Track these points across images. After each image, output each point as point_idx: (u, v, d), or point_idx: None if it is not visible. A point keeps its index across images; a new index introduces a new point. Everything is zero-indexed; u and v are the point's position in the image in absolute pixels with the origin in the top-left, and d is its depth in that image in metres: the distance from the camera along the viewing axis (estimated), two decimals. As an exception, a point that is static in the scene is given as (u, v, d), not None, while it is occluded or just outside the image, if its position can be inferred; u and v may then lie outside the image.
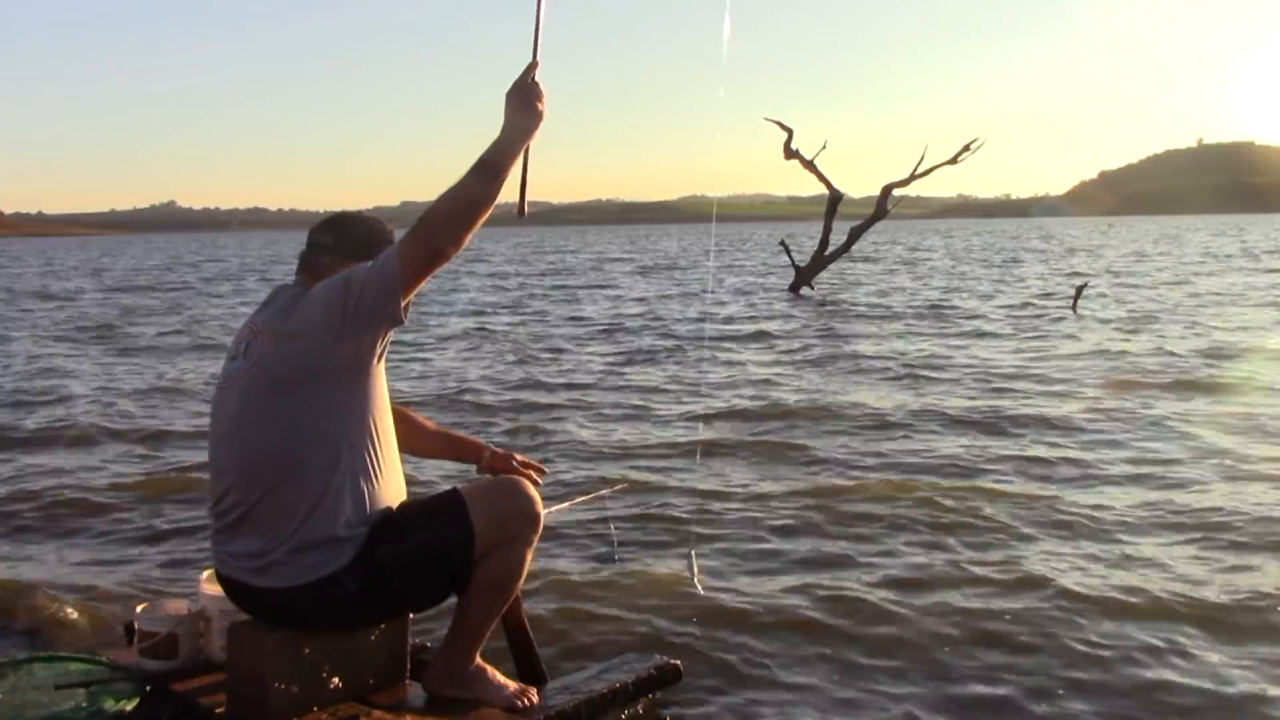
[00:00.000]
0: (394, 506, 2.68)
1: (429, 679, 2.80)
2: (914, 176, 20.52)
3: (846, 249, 21.22)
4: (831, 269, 22.46)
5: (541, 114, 2.51)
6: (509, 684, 2.83)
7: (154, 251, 64.54)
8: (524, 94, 2.50)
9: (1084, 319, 14.38)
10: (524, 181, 2.57)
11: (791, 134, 20.59)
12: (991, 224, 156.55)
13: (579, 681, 3.03)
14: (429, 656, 3.03)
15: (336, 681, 2.68)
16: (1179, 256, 34.06)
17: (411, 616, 2.85)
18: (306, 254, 2.76)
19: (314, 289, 2.60)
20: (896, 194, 20.80)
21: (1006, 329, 13.44)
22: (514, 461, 3.08)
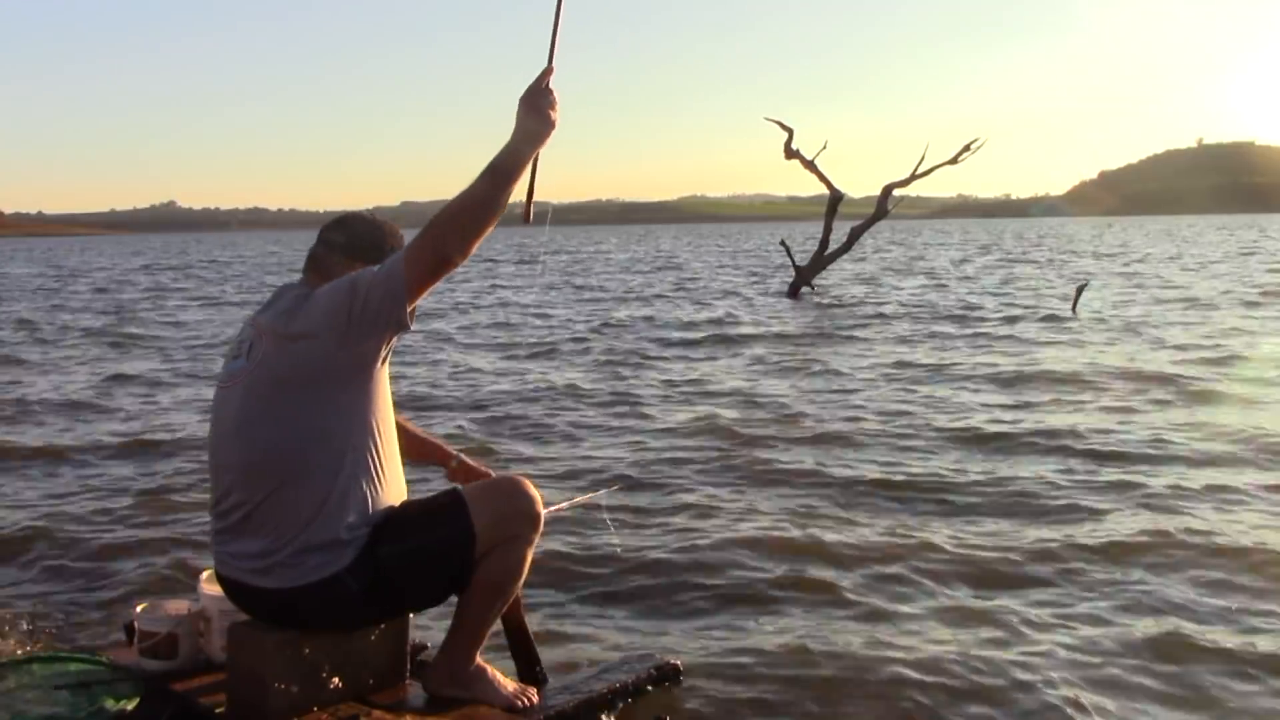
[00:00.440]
0: (395, 506, 2.68)
1: (429, 679, 2.80)
2: (914, 176, 20.51)
3: (847, 249, 21.21)
4: (831, 268, 22.46)
5: (554, 122, 2.49)
6: (509, 684, 2.83)
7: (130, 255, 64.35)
8: (537, 101, 2.49)
9: (1083, 319, 14.37)
10: (531, 188, 2.57)
11: (792, 134, 20.59)
12: (991, 224, 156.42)
13: (579, 681, 3.03)
14: (429, 656, 3.03)
15: (336, 681, 2.68)
16: (1179, 256, 34.06)
17: (411, 616, 2.85)
18: (317, 250, 2.75)
19: (320, 290, 2.59)
20: (897, 194, 20.79)
21: (1005, 329, 13.42)
22: (480, 476, 3.07)
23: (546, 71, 2.52)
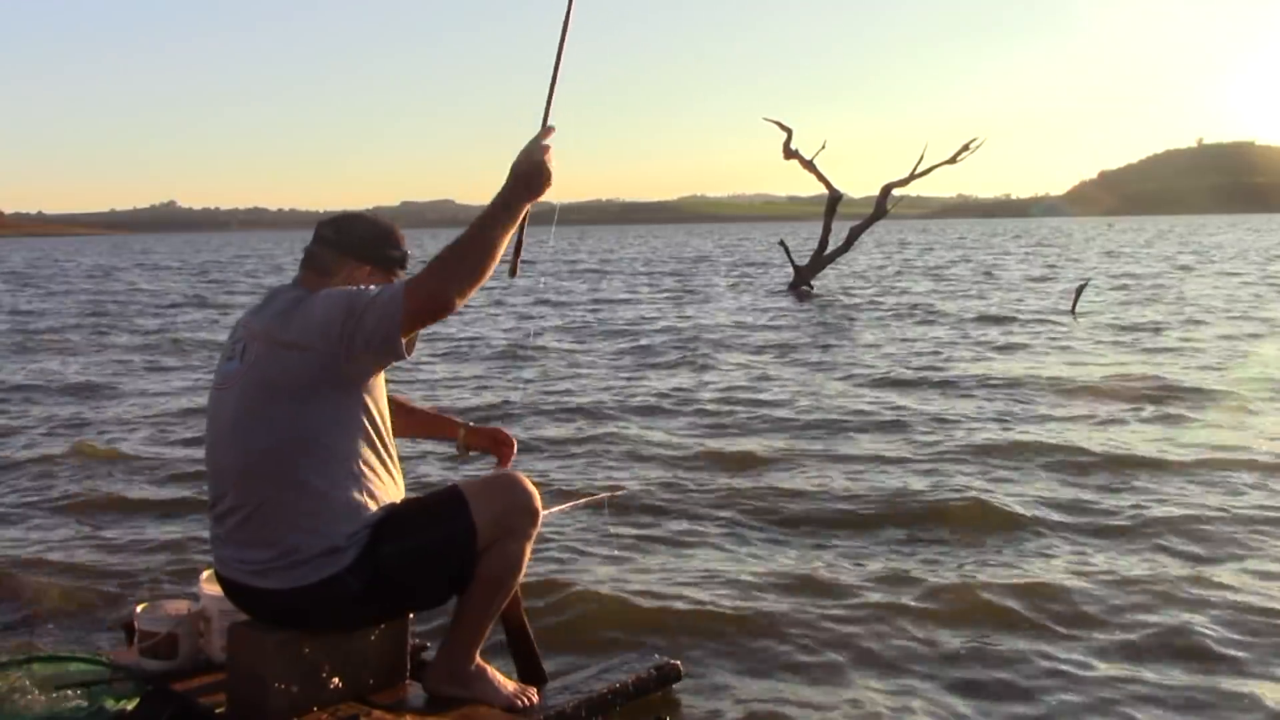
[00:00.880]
0: (391, 505, 2.67)
1: (429, 678, 2.80)
2: (914, 176, 20.54)
3: (846, 249, 21.23)
4: (830, 268, 22.46)
5: (549, 180, 2.52)
6: (509, 684, 2.83)
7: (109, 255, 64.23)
8: (534, 171, 2.51)
9: (1083, 320, 14.36)
10: (519, 243, 2.62)
11: (791, 134, 20.62)
12: (991, 224, 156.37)
13: (579, 681, 3.03)
14: (429, 656, 3.03)
15: (336, 681, 2.68)
16: (1180, 256, 34.06)
17: (411, 616, 2.85)
18: (312, 248, 2.74)
19: (316, 299, 2.56)
20: (896, 194, 20.82)
21: (1003, 330, 13.42)
22: (493, 435, 3.14)
23: (546, 131, 2.57)
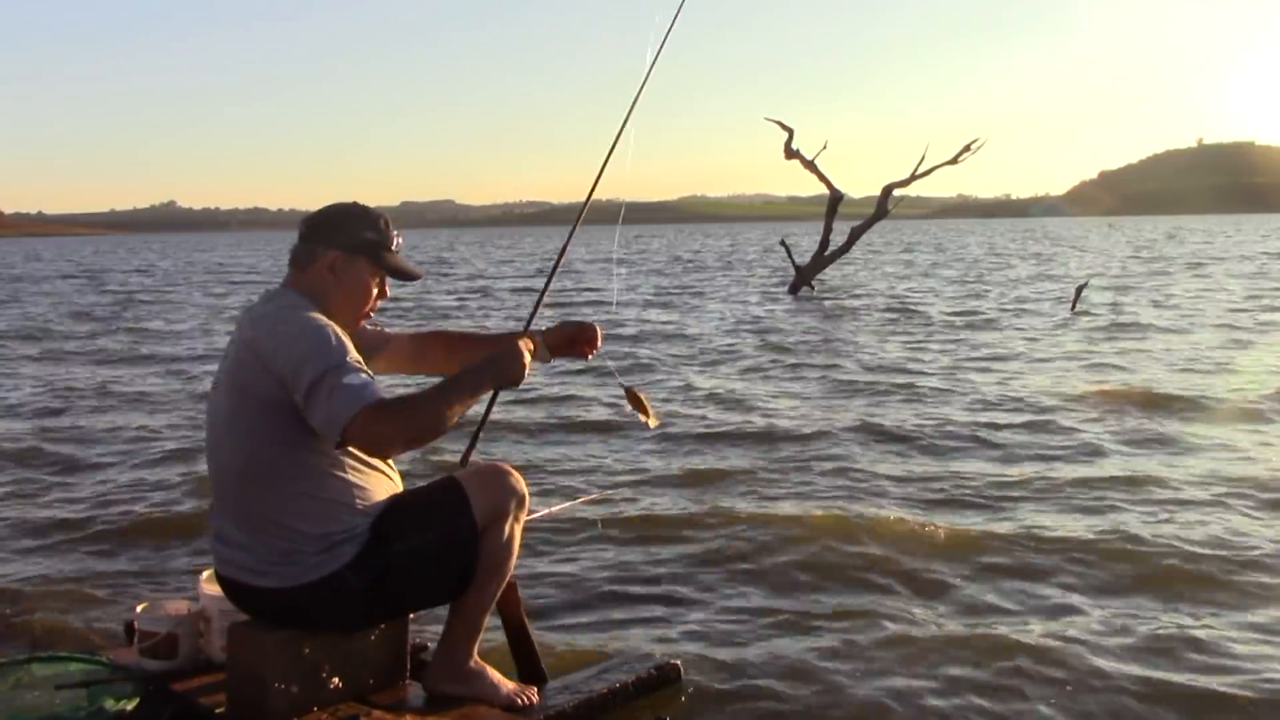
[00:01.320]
0: (391, 499, 2.68)
1: (428, 676, 2.80)
2: (914, 176, 20.52)
3: (846, 249, 21.23)
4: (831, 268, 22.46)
5: (524, 376, 2.65)
6: (508, 683, 2.83)
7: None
8: (516, 376, 2.63)
9: (1082, 320, 14.36)
10: (481, 426, 2.88)
11: (792, 134, 20.60)
12: (991, 224, 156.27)
13: (579, 681, 3.03)
14: (429, 656, 3.03)
15: (336, 681, 2.68)
16: (1180, 255, 34.04)
17: (411, 616, 2.85)
18: (295, 244, 2.74)
19: (290, 327, 2.52)
20: (897, 194, 20.81)
21: (1002, 331, 13.42)
22: (572, 335, 3.01)
23: (530, 336, 2.79)
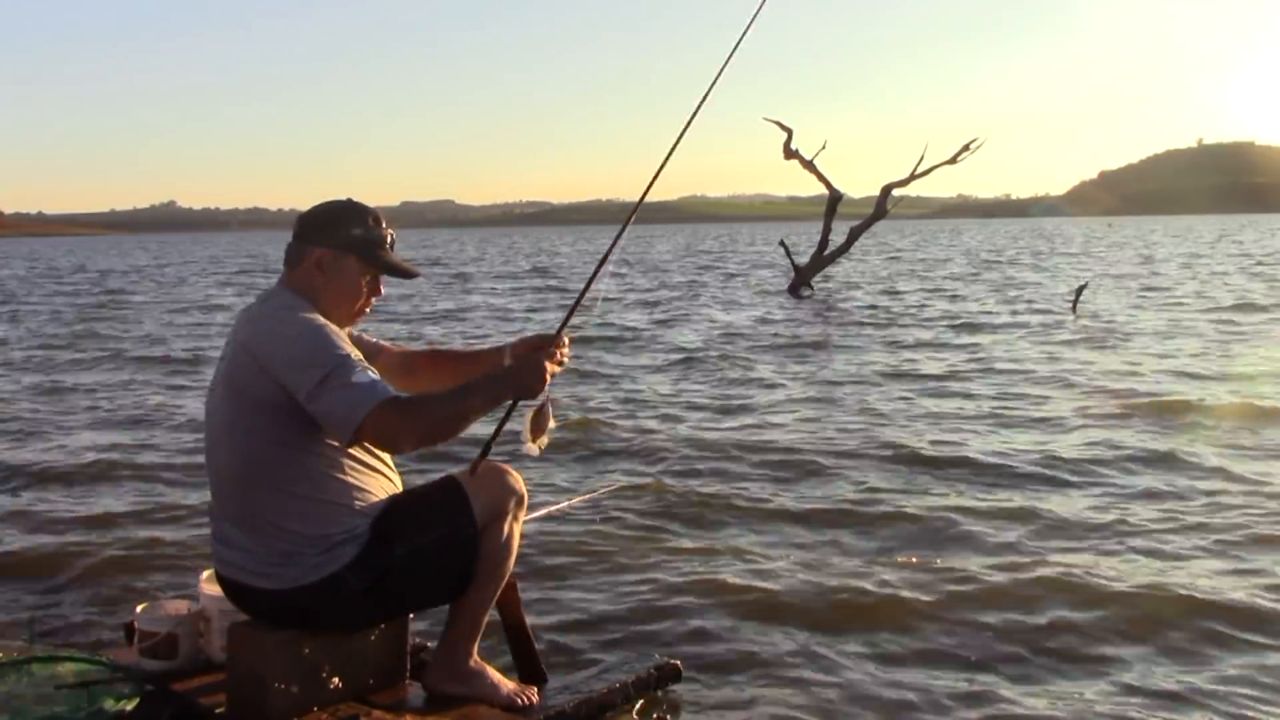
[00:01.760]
0: (390, 499, 2.68)
1: (428, 676, 2.80)
2: (914, 176, 20.52)
3: (846, 249, 21.23)
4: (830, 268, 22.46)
5: (546, 383, 2.62)
6: (508, 683, 2.83)
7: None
8: (536, 383, 2.61)
9: (1083, 320, 14.36)
10: (495, 435, 2.78)
11: (791, 134, 20.60)
12: (991, 224, 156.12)
13: (579, 681, 3.03)
14: (429, 656, 3.03)
15: (336, 681, 2.68)
16: (1180, 256, 34.03)
17: (411, 616, 2.85)
18: (289, 243, 2.73)
19: (288, 328, 2.52)
20: (896, 194, 20.81)
21: (1001, 332, 13.41)
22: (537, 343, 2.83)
23: (558, 343, 2.69)
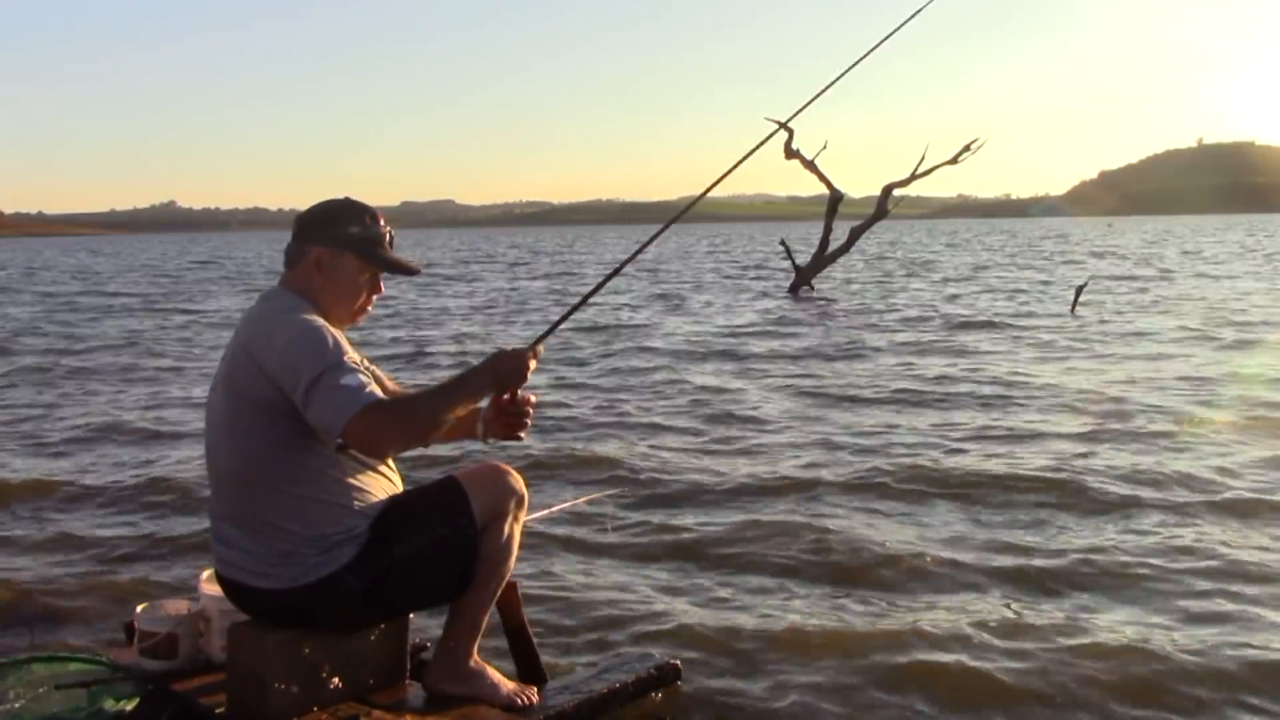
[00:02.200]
0: (390, 500, 2.68)
1: (428, 675, 2.80)
2: (914, 176, 20.52)
3: (847, 249, 21.23)
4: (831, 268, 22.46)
5: (523, 379, 2.61)
6: (508, 683, 2.83)
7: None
8: (515, 377, 2.59)
9: (1082, 320, 14.35)
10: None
11: (792, 134, 20.57)
12: (991, 224, 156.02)
13: (579, 681, 3.03)
14: (429, 656, 3.03)
15: (336, 681, 2.68)
16: (1180, 255, 34.03)
17: (411, 616, 2.86)
18: (289, 243, 2.73)
19: (287, 329, 2.51)
20: (896, 194, 20.81)
21: (1001, 332, 13.40)
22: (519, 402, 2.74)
23: (534, 353, 2.64)
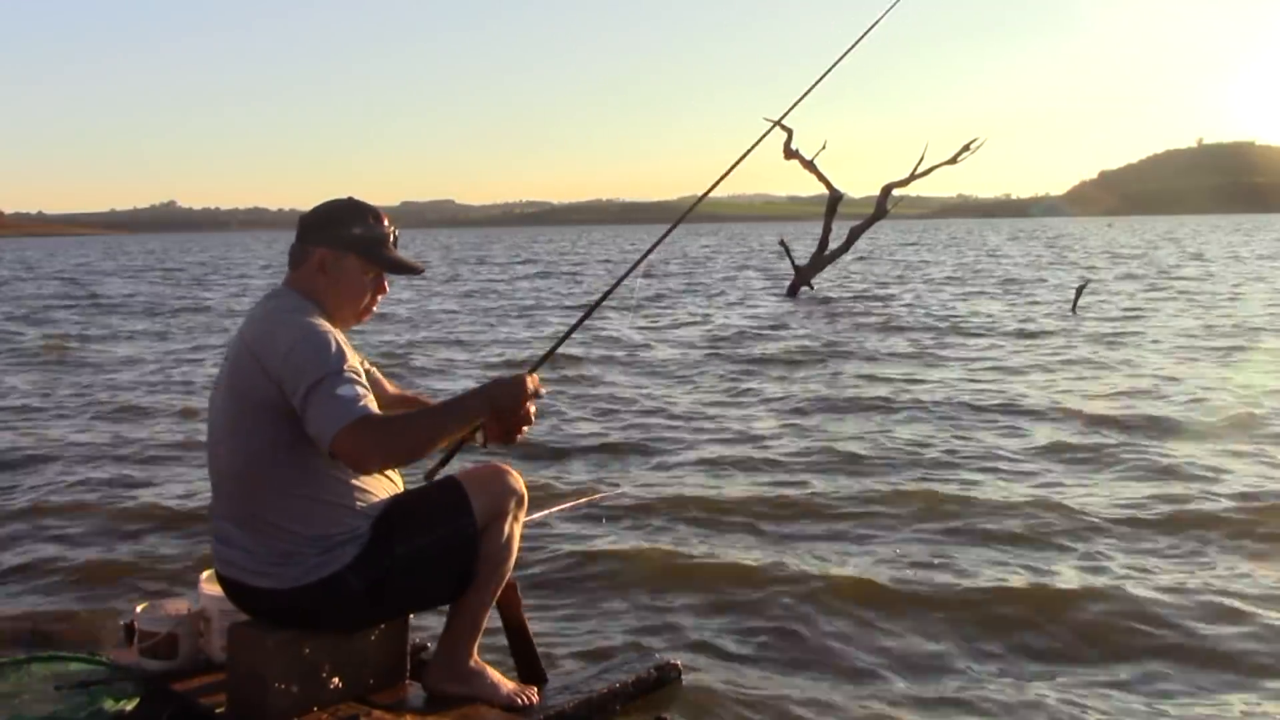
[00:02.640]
0: (391, 500, 2.68)
1: (428, 675, 2.80)
2: (914, 176, 20.50)
3: (846, 249, 21.22)
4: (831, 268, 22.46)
5: (520, 406, 2.59)
6: (508, 683, 2.83)
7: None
8: (511, 409, 2.58)
9: (1082, 320, 14.36)
10: (456, 448, 2.79)
11: (791, 134, 20.56)
12: (991, 224, 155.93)
13: (579, 681, 3.03)
14: (429, 656, 3.03)
15: (336, 681, 2.68)
16: (1179, 255, 34.04)
17: (411, 616, 2.85)
18: (293, 244, 2.73)
19: (290, 330, 2.51)
20: (896, 194, 20.78)
21: (1000, 332, 13.40)
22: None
23: (533, 380, 2.63)
